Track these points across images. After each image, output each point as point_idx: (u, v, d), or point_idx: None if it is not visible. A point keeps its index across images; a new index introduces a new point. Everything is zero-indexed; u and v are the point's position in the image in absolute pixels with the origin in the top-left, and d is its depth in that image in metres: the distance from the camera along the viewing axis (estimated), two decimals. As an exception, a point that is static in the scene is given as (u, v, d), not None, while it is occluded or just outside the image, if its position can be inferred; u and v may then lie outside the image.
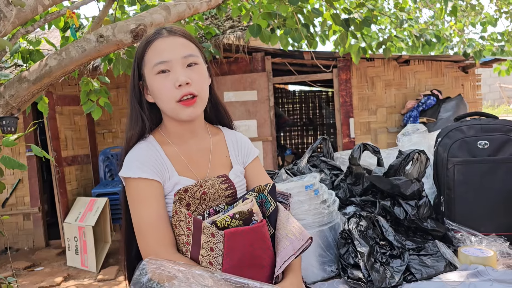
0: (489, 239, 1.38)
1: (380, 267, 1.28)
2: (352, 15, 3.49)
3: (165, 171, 1.09)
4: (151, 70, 1.08)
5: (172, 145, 1.15)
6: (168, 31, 1.11)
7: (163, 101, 1.09)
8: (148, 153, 1.10)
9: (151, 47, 1.09)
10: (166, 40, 1.09)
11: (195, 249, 0.98)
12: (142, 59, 1.12)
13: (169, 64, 1.07)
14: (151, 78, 1.09)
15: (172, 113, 1.11)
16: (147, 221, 1.03)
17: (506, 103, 11.69)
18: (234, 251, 0.95)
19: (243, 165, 1.24)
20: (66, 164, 5.27)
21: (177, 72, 1.06)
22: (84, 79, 3.16)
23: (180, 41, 1.10)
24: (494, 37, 5.62)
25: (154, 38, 1.10)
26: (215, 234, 0.94)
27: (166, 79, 1.07)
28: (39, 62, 1.92)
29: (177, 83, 1.05)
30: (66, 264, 4.85)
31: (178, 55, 1.07)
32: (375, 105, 5.46)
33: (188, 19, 3.82)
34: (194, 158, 1.15)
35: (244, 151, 1.25)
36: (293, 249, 0.95)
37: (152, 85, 1.10)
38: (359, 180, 1.68)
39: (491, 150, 1.47)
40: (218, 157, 1.19)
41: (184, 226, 1.00)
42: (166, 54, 1.07)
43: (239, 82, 5.35)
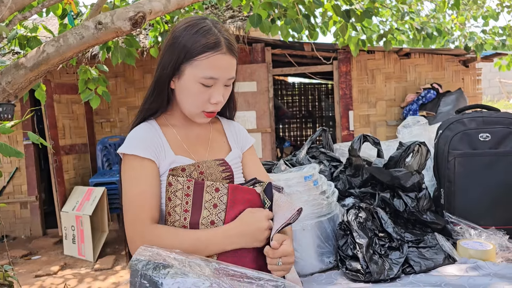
0: (488, 232, 1.37)
1: (378, 259, 1.27)
2: (353, 6, 3.46)
3: (161, 151, 1.12)
4: (197, 76, 1.09)
5: (173, 127, 1.19)
6: (227, 47, 1.10)
7: (190, 104, 1.13)
8: (147, 132, 1.14)
9: (209, 58, 1.08)
10: (224, 58, 1.10)
11: (196, 212, 1.03)
12: (191, 59, 1.09)
13: (216, 81, 1.11)
14: (192, 81, 1.10)
15: (190, 114, 1.16)
16: (133, 197, 1.07)
17: (505, 98, 11.68)
18: (236, 205, 1.02)
19: (241, 150, 1.29)
20: (64, 153, 5.25)
21: (218, 91, 1.11)
22: (82, 67, 3.13)
23: (233, 63, 1.13)
24: (495, 31, 5.58)
25: (215, 50, 1.08)
26: (219, 188, 1.03)
27: (206, 91, 1.11)
28: (37, 49, 1.90)
29: (214, 100, 1.11)
30: (63, 253, 4.86)
31: (226, 77, 1.12)
32: (375, 98, 5.45)
33: (188, 8, 3.78)
34: (193, 142, 1.20)
35: (241, 138, 1.30)
36: (285, 218, 1.01)
37: (189, 87, 1.11)
38: (358, 172, 1.66)
39: (493, 143, 1.46)
40: (216, 142, 1.24)
41: (182, 194, 1.03)
42: (219, 72, 1.10)
43: (238, 73, 5.22)
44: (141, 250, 0.85)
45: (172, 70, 1.12)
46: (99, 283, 3.96)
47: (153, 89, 1.17)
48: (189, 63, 1.09)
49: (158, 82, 1.15)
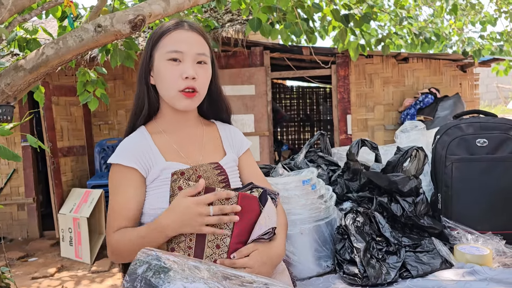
0: (485, 237, 1.38)
1: (376, 263, 1.27)
2: (352, 11, 3.47)
3: (150, 159, 1.13)
4: (164, 55, 1.13)
5: (164, 133, 1.19)
6: (189, 26, 1.16)
7: (166, 87, 1.14)
8: (135, 141, 1.16)
9: (170, 34, 1.13)
10: (186, 33, 1.14)
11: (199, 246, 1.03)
12: (157, 43, 1.15)
13: (182, 55, 1.12)
14: (161, 62, 1.13)
15: (170, 100, 1.15)
16: (112, 206, 1.12)
17: (503, 104, 11.72)
18: (245, 215, 1.03)
19: (237, 154, 1.28)
20: (62, 155, 5.25)
21: (188, 65, 1.11)
22: (81, 70, 3.13)
23: (198, 39, 1.15)
24: (493, 37, 5.61)
25: (175, 27, 1.14)
26: (230, 195, 1.02)
27: (176, 67, 1.12)
28: (36, 51, 1.90)
29: (185, 75, 1.10)
30: (60, 255, 4.84)
31: (193, 50, 1.13)
32: (373, 102, 5.46)
33: (187, 11, 3.79)
34: (185, 145, 1.20)
35: (237, 141, 1.30)
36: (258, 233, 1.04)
37: (160, 69, 1.13)
38: (356, 176, 1.67)
39: (490, 148, 1.47)
40: (210, 145, 1.24)
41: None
42: (183, 45, 1.12)
43: (237, 76, 5.33)
44: (140, 254, 0.85)
45: (147, 64, 1.17)
46: (96, 286, 3.94)
47: (137, 91, 1.21)
48: (155, 48, 1.15)
49: (139, 81, 1.19)
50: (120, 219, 1.09)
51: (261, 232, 1.03)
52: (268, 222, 1.05)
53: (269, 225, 1.05)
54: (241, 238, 1.04)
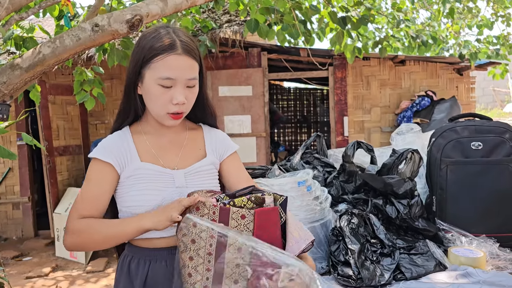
0: (479, 240, 1.38)
1: (370, 265, 1.28)
2: (349, 13, 3.48)
3: (126, 157, 1.18)
4: (155, 79, 1.12)
5: (145, 135, 1.23)
6: (183, 49, 1.12)
7: (155, 107, 1.16)
8: (114, 140, 1.20)
9: (164, 60, 1.11)
10: (180, 59, 1.12)
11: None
12: (148, 62, 1.13)
13: (174, 81, 1.12)
14: (152, 84, 1.13)
15: (157, 117, 1.19)
16: (82, 195, 1.15)
17: (499, 107, 11.78)
18: (263, 232, 0.97)
19: (220, 158, 1.29)
20: (58, 154, 5.23)
21: (179, 91, 1.12)
22: (78, 69, 3.12)
23: (190, 63, 1.14)
24: (489, 40, 5.64)
25: (169, 51, 1.11)
26: (245, 215, 0.98)
27: (167, 93, 1.13)
28: (33, 50, 1.90)
29: (175, 101, 1.12)
30: (55, 255, 4.82)
31: (184, 76, 1.13)
32: (370, 104, 5.47)
33: (185, 11, 3.79)
34: (164, 149, 1.22)
35: (222, 145, 1.30)
36: (298, 248, 0.98)
37: (150, 90, 1.14)
38: (352, 178, 1.67)
39: (484, 152, 1.47)
40: (190, 149, 1.25)
41: (209, 219, 0.99)
42: (175, 72, 1.11)
43: (234, 77, 5.33)
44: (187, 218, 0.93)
45: (135, 76, 1.17)
46: (90, 285, 3.93)
47: (123, 97, 1.23)
48: (147, 66, 1.14)
49: (126, 89, 1.21)
50: (89, 208, 1.13)
51: (301, 247, 0.97)
52: (303, 234, 0.99)
53: (307, 237, 0.99)
54: None
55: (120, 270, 1.22)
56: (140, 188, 1.15)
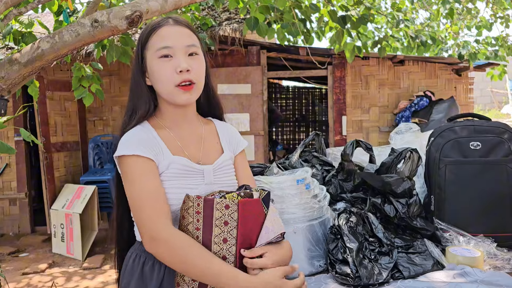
0: (477, 239, 1.39)
1: (368, 263, 1.28)
2: (349, 12, 3.48)
3: (160, 152, 1.13)
4: (154, 54, 1.13)
5: (166, 129, 1.19)
6: (174, 21, 1.16)
7: (162, 84, 1.14)
8: (143, 134, 1.14)
9: (157, 32, 1.14)
10: (172, 28, 1.14)
11: (207, 230, 1.01)
12: (146, 43, 1.16)
13: (172, 50, 1.12)
14: (153, 61, 1.14)
15: (168, 96, 1.15)
16: (145, 196, 1.06)
17: (497, 108, 11.81)
18: (247, 221, 1.01)
19: (234, 152, 1.29)
20: (55, 150, 5.22)
21: (180, 58, 1.12)
22: (76, 65, 3.11)
23: (185, 31, 1.15)
24: (488, 41, 5.65)
25: (160, 25, 1.15)
26: (229, 205, 1.01)
27: (168, 63, 1.12)
28: (31, 45, 1.89)
29: (179, 68, 1.11)
30: (52, 251, 4.81)
31: (182, 43, 1.13)
32: (368, 103, 5.47)
33: (185, 8, 3.78)
34: (187, 141, 1.20)
35: (234, 140, 1.30)
36: (267, 238, 1.02)
37: (153, 68, 1.14)
38: (350, 177, 1.67)
39: (483, 152, 1.48)
40: (209, 142, 1.24)
41: (193, 211, 1.03)
42: (171, 40, 1.13)
43: (233, 75, 5.32)
44: None
45: (140, 65, 1.17)
46: (87, 282, 3.93)
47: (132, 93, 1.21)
48: (145, 49, 1.16)
49: (135, 83, 1.20)
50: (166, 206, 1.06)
51: (270, 237, 1.01)
52: (276, 226, 1.03)
53: (277, 230, 1.03)
54: (247, 245, 1.02)
55: (130, 272, 1.15)
56: (173, 185, 1.11)
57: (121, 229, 1.26)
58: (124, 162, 1.10)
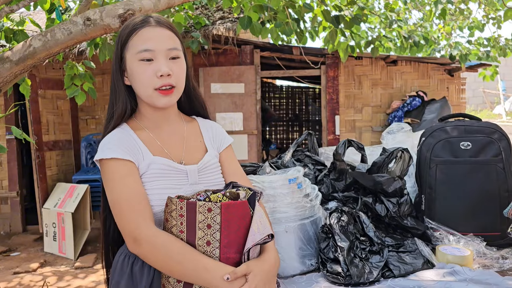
0: (466, 238, 1.40)
1: (359, 262, 1.28)
2: (343, 12, 3.49)
3: (139, 153, 1.12)
4: (135, 56, 1.11)
5: (146, 130, 1.18)
6: (156, 21, 1.14)
7: (142, 86, 1.13)
8: (121, 137, 1.13)
9: (138, 33, 1.12)
10: (154, 30, 1.12)
11: (191, 233, 1.01)
12: (126, 43, 1.14)
13: (153, 53, 1.10)
14: (133, 63, 1.12)
15: (148, 99, 1.15)
16: (125, 198, 1.05)
17: (488, 108, 11.90)
18: (231, 224, 0.99)
19: (218, 150, 1.27)
20: (47, 149, 5.19)
21: (161, 62, 1.10)
22: (69, 63, 3.09)
23: (167, 33, 1.13)
24: (480, 42, 5.69)
25: (142, 25, 1.12)
26: (212, 208, 0.99)
27: (149, 67, 1.10)
28: (23, 43, 1.88)
29: (159, 73, 1.10)
30: (43, 250, 4.79)
31: (163, 46, 1.11)
32: (361, 103, 5.50)
33: (178, 7, 3.77)
34: (168, 142, 1.19)
35: (218, 137, 1.29)
36: (253, 240, 0.99)
37: (133, 70, 1.12)
38: (342, 176, 1.68)
39: (473, 152, 1.49)
40: (192, 141, 1.23)
41: (176, 214, 1.02)
42: (152, 43, 1.10)
43: (226, 74, 5.32)
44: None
45: (118, 65, 1.15)
46: (79, 281, 3.91)
47: (111, 92, 1.19)
48: (126, 48, 1.13)
49: (114, 82, 1.18)
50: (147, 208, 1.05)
51: (256, 240, 0.99)
52: (262, 229, 1.01)
53: (264, 232, 1.00)
54: (231, 248, 1.00)
55: (119, 272, 1.14)
56: (155, 186, 1.10)
57: (108, 231, 1.25)
58: (103, 166, 1.11)
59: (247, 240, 1.00)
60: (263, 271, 1.01)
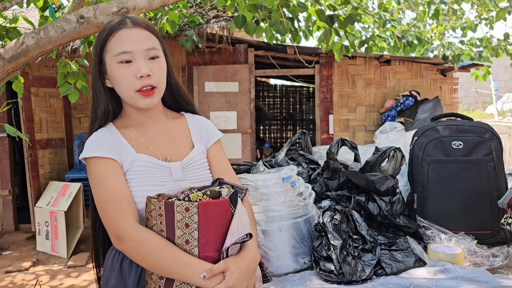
0: (458, 237, 1.42)
1: (351, 260, 1.30)
2: (337, 12, 3.51)
3: (122, 150, 1.14)
4: (114, 58, 1.12)
5: (131, 128, 1.19)
6: (133, 22, 1.14)
7: (123, 89, 1.13)
8: (104, 135, 1.15)
9: (115, 36, 1.12)
10: (131, 31, 1.12)
11: (170, 232, 1.02)
12: (104, 46, 1.14)
13: (132, 55, 1.11)
14: (113, 66, 1.12)
15: (130, 101, 1.15)
16: (108, 196, 1.07)
17: (481, 108, 11.99)
18: (209, 223, 1.00)
19: (206, 146, 1.27)
20: (40, 147, 5.15)
21: (140, 63, 1.10)
22: (62, 61, 3.08)
23: (144, 34, 1.14)
24: (473, 42, 5.73)
25: (118, 27, 1.13)
26: (189, 208, 1.00)
27: (128, 68, 1.11)
28: (16, 40, 1.87)
29: (139, 74, 1.10)
30: (36, 249, 4.76)
31: (141, 47, 1.11)
32: (355, 103, 5.52)
33: (172, 5, 3.76)
34: (153, 139, 1.20)
35: (206, 133, 1.28)
36: (231, 240, 1.00)
37: (113, 73, 1.13)
38: (335, 175, 1.69)
39: (465, 151, 1.51)
40: (178, 138, 1.23)
41: (156, 214, 1.03)
42: (130, 45, 1.11)
43: (220, 73, 5.32)
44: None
45: (98, 67, 1.16)
46: (71, 280, 3.89)
47: (93, 95, 1.20)
48: (104, 51, 1.14)
49: (94, 85, 1.18)
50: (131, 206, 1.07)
51: (234, 239, 1.00)
52: (241, 227, 1.02)
53: (243, 231, 1.01)
54: (209, 247, 1.01)
55: (110, 268, 1.16)
56: (139, 183, 1.12)
57: (98, 229, 1.26)
58: (88, 165, 1.13)
59: (226, 239, 1.01)
60: (241, 268, 1.03)
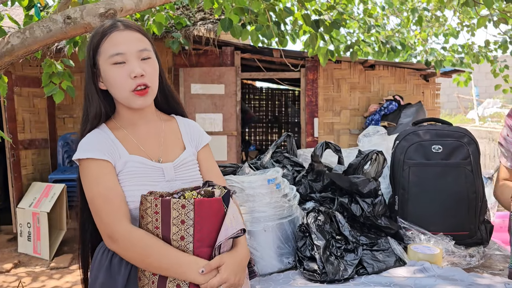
0: (437, 237, 1.46)
1: (334, 260, 1.33)
2: (322, 16, 3.56)
3: (115, 152, 1.16)
4: (107, 60, 1.14)
5: (124, 129, 1.22)
6: (124, 25, 1.17)
7: (117, 89, 1.16)
8: (98, 137, 1.17)
9: (108, 38, 1.15)
10: (122, 34, 1.15)
11: (166, 229, 1.04)
12: (97, 49, 1.16)
13: (125, 56, 1.14)
14: (106, 68, 1.15)
15: (124, 101, 1.18)
16: (101, 197, 1.10)
17: (462, 113, 12.22)
18: (204, 220, 1.03)
19: (196, 148, 1.31)
20: (22, 148, 5.09)
21: (133, 64, 1.14)
22: (47, 61, 3.06)
23: (136, 36, 1.17)
24: (455, 49, 5.86)
25: (111, 30, 1.16)
26: (185, 205, 1.03)
27: (122, 69, 1.14)
28: (1, 40, 1.86)
29: (133, 74, 1.13)
30: (17, 251, 4.69)
31: (134, 49, 1.15)
32: (340, 106, 5.59)
33: (159, 7, 3.77)
34: (145, 140, 1.22)
35: (196, 136, 1.32)
36: (225, 235, 1.04)
37: (107, 75, 1.15)
38: (319, 177, 1.73)
39: (444, 155, 1.55)
40: (170, 139, 1.27)
41: (151, 212, 1.05)
42: (123, 46, 1.14)
43: (207, 75, 5.33)
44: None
45: (91, 70, 1.18)
46: (54, 282, 3.85)
47: (85, 97, 1.21)
48: (98, 53, 1.16)
49: (87, 87, 1.20)
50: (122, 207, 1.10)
51: (228, 234, 1.04)
52: (235, 223, 1.06)
53: (236, 226, 1.05)
54: (204, 242, 1.05)
55: (98, 265, 1.18)
56: (132, 184, 1.14)
57: (86, 230, 1.28)
58: (81, 166, 1.15)
59: (219, 234, 1.05)
60: (235, 262, 1.07)
